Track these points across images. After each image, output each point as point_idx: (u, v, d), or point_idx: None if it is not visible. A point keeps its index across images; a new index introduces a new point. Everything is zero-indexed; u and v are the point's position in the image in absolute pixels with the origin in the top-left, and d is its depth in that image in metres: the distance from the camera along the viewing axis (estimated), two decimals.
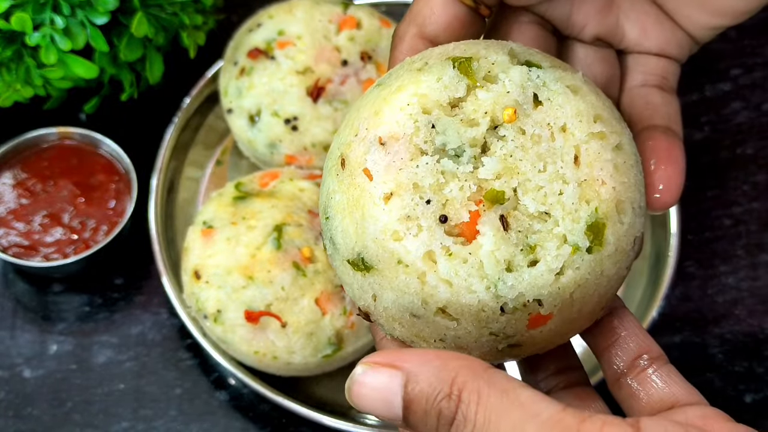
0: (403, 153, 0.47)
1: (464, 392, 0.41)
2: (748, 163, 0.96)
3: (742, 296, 0.89)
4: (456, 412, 0.41)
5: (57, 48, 0.81)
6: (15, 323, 0.86)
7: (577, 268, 0.46)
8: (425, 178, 0.46)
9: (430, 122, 0.47)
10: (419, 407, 0.42)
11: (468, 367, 0.42)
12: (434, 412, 0.41)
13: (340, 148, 0.49)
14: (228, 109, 0.88)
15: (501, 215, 0.46)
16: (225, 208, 0.80)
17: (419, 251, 0.46)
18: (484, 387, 0.41)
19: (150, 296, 0.88)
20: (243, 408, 0.83)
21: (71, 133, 0.89)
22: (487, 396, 0.40)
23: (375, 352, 0.45)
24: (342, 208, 0.48)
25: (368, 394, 0.43)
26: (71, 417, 0.82)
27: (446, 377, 0.41)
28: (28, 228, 0.85)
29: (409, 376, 0.42)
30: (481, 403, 0.40)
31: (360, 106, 0.51)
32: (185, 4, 0.86)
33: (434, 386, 0.41)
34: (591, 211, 0.47)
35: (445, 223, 0.46)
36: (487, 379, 0.41)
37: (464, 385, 0.41)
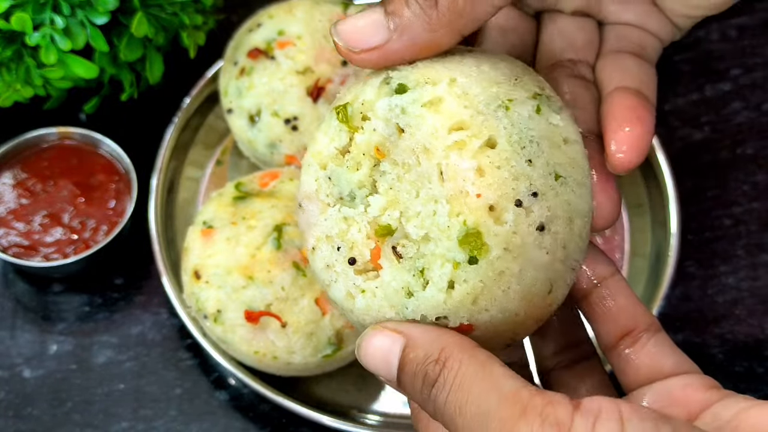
0: (315, 210, 0.53)
1: (449, 360, 0.46)
2: (748, 163, 0.96)
3: (743, 296, 0.89)
4: (438, 376, 0.46)
5: (57, 48, 0.81)
6: (15, 323, 0.86)
7: (465, 281, 0.48)
8: (332, 228, 0.52)
9: (327, 176, 0.52)
10: (410, 369, 0.47)
11: (458, 342, 0.47)
12: (421, 374, 0.47)
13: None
14: (228, 109, 0.88)
15: (393, 246, 0.50)
16: (225, 208, 0.80)
17: (341, 293, 0.52)
18: (466, 358, 0.46)
19: (150, 296, 0.88)
20: (243, 408, 0.83)
21: (71, 133, 0.89)
22: (467, 365, 0.46)
23: (384, 322, 0.50)
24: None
25: (372, 352, 0.49)
26: (71, 417, 0.82)
27: (438, 345, 0.47)
28: (28, 228, 0.85)
29: (409, 341, 0.48)
30: (460, 370, 0.45)
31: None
32: (185, 4, 0.86)
33: (427, 352, 0.47)
34: (460, 225, 0.48)
35: (354, 264, 0.51)
36: (471, 352, 0.46)
37: (450, 353, 0.46)
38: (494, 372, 0.45)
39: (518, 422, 0.42)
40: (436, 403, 0.46)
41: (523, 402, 0.43)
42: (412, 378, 0.47)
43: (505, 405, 0.43)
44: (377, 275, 0.50)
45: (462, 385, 0.45)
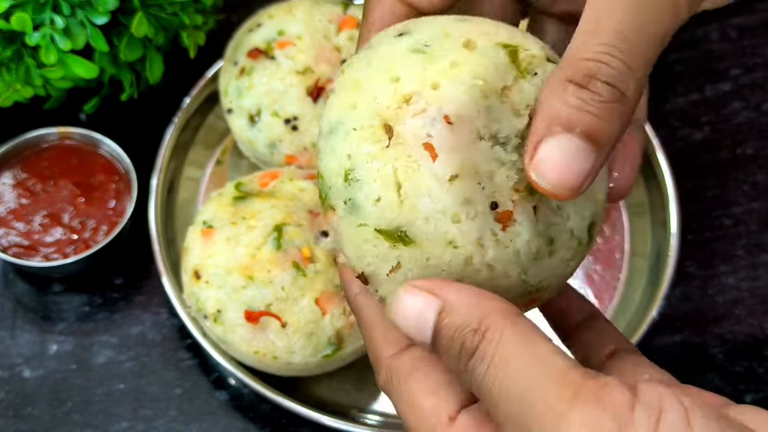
0: (468, 135, 0.46)
1: (489, 331, 0.42)
2: (748, 163, 0.96)
3: (743, 296, 0.89)
4: (477, 347, 0.42)
5: (57, 48, 0.81)
6: (15, 323, 0.86)
7: (575, 260, 0.50)
8: (483, 164, 0.46)
9: (488, 107, 0.47)
10: (447, 335, 0.44)
11: (499, 309, 0.43)
12: (458, 343, 0.43)
13: (377, 112, 0.47)
14: (228, 109, 0.88)
15: (534, 206, 0.47)
16: (225, 208, 0.80)
17: (472, 235, 0.46)
18: (508, 329, 0.42)
19: (150, 296, 0.88)
20: (243, 408, 0.83)
21: (71, 133, 0.89)
22: (508, 338, 0.42)
23: (419, 281, 0.46)
24: (384, 176, 0.46)
25: (405, 313, 0.45)
26: (71, 417, 0.82)
27: (478, 314, 0.43)
28: (28, 228, 0.85)
29: (445, 305, 0.44)
30: (501, 343, 0.42)
31: (387, 68, 0.48)
32: (185, 4, 0.86)
33: (465, 319, 0.43)
34: (593, 211, 0.49)
35: (495, 210, 0.47)
36: (513, 322, 0.42)
37: (491, 324, 0.42)
38: (539, 346, 0.41)
39: (569, 409, 0.38)
40: (474, 376, 0.42)
41: (574, 384, 0.39)
42: (448, 346, 0.44)
43: (553, 386, 0.39)
44: (508, 228, 0.46)
45: (504, 358, 0.41)
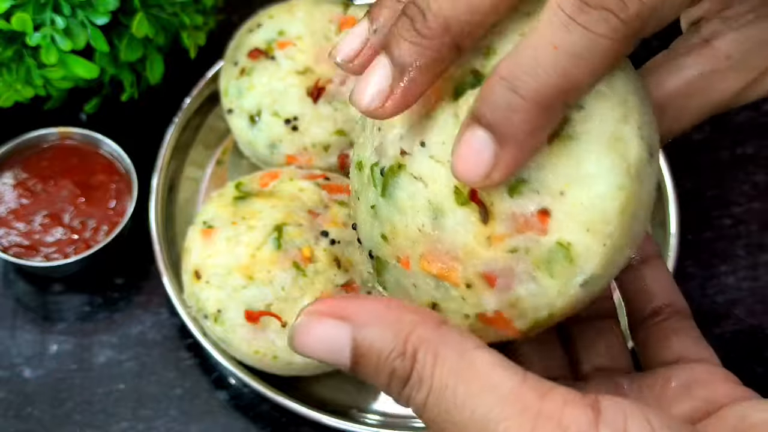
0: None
1: (419, 352, 0.38)
2: (748, 163, 0.96)
3: (742, 296, 0.89)
4: (411, 373, 0.39)
5: (57, 48, 0.81)
6: (15, 323, 0.86)
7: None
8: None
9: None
10: (370, 363, 0.39)
11: (423, 323, 0.39)
12: (387, 370, 0.39)
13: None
14: (228, 109, 0.88)
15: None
16: (225, 208, 0.80)
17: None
18: (441, 347, 0.38)
19: (150, 296, 0.88)
20: (243, 407, 0.83)
21: (72, 133, 0.90)
22: (444, 358, 0.38)
23: (317, 301, 0.42)
24: None
25: (313, 345, 0.40)
26: (71, 417, 0.82)
27: (400, 334, 0.39)
28: (28, 228, 0.85)
29: (358, 329, 0.40)
30: (437, 364, 0.38)
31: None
32: (186, 5, 0.86)
33: (387, 342, 0.39)
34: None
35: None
36: (442, 337, 0.39)
37: (420, 343, 0.39)
38: (477, 363, 0.38)
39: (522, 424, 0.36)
40: (415, 405, 0.39)
41: (531, 410, 0.37)
42: (374, 373, 0.40)
43: (509, 410, 0.37)
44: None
45: (446, 384, 0.38)
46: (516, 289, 0.45)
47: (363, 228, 0.50)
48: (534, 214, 0.44)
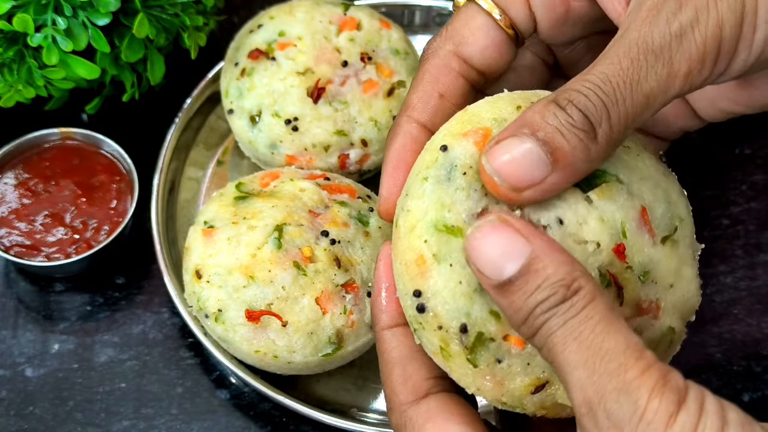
0: None
1: (581, 291, 0.44)
2: (746, 162, 0.97)
3: (741, 296, 0.89)
4: (566, 299, 0.44)
5: (59, 49, 0.81)
6: (17, 322, 0.86)
7: None
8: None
9: None
10: (535, 280, 0.45)
11: (588, 274, 0.45)
12: (548, 291, 0.44)
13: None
14: (229, 109, 0.88)
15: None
16: (226, 208, 0.80)
17: None
18: (597, 293, 0.44)
19: (151, 296, 0.88)
20: (244, 407, 0.83)
21: (73, 134, 0.90)
22: (597, 301, 0.44)
23: (511, 214, 0.47)
24: None
25: (489, 243, 0.46)
26: (73, 416, 0.82)
27: (572, 272, 0.45)
28: (30, 228, 0.85)
29: (537, 253, 0.45)
30: (592, 303, 0.44)
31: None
32: (186, 5, 0.87)
33: (558, 273, 0.45)
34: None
35: None
36: (603, 293, 0.45)
37: (584, 285, 0.44)
38: (620, 320, 0.44)
39: (641, 376, 0.42)
40: (548, 322, 0.44)
41: (648, 360, 0.43)
42: (530, 289, 0.45)
43: (631, 354, 0.43)
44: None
45: (591, 316, 0.44)
46: None
47: (451, 299, 0.50)
48: (653, 301, 0.51)
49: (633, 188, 0.52)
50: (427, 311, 0.50)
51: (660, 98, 0.49)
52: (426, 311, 0.50)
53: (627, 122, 0.48)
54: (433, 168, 0.51)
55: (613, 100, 0.48)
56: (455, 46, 0.59)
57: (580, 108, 0.47)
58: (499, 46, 0.59)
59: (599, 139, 0.48)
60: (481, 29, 0.58)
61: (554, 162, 0.47)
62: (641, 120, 0.49)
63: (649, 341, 0.51)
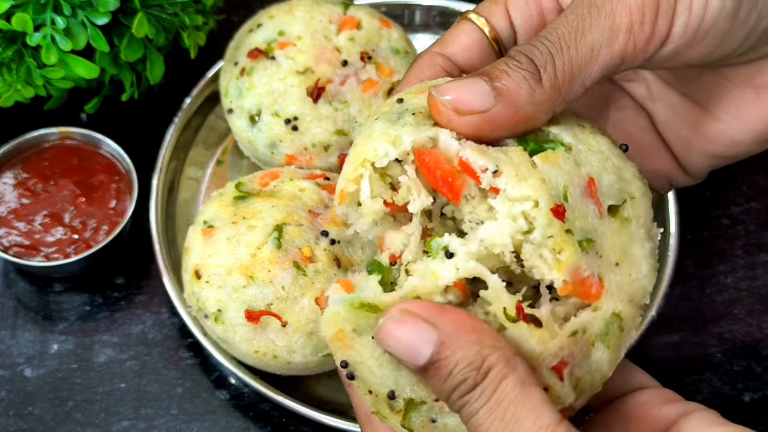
0: None
1: (492, 371, 0.46)
2: (746, 163, 0.96)
3: (741, 296, 0.89)
4: (478, 385, 0.46)
5: (58, 48, 0.81)
6: (16, 323, 0.86)
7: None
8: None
9: None
10: (445, 368, 0.46)
11: (500, 349, 0.46)
12: (459, 378, 0.46)
13: None
14: (228, 109, 0.88)
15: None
16: (225, 208, 0.80)
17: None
18: (509, 373, 0.46)
19: (151, 296, 0.88)
20: (243, 407, 0.83)
21: (72, 133, 0.90)
22: (507, 382, 0.45)
23: (413, 301, 0.48)
24: None
25: (397, 338, 0.47)
26: (72, 416, 0.82)
27: (480, 351, 0.46)
28: (29, 228, 0.85)
29: (445, 338, 0.47)
30: (501, 385, 0.45)
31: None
32: (186, 5, 0.87)
33: (468, 355, 0.46)
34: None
35: None
36: (514, 366, 0.46)
37: (494, 365, 0.46)
38: (535, 397, 0.46)
39: None
40: (464, 409, 0.46)
41: (551, 425, 0.44)
42: (445, 377, 0.47)
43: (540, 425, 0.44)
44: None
45: (500, 402, 0.45)
46: (576, 371, 0.50)
47: (377, 368, 0.51)
48: (595, 275, 0.50)
49: (581, 158, 0.52)
50: (357, 379, 0.52)
51: (604, 51, 0.52)
52: (355, 379, 0.52)
53: (572, 70, 0.51)
54: (386, 113, 0.54)
55: (557, 47, 0.51)
56: (441, 47, 0.63)
57: (525, 53, 0.52)
58: (481, 47, 0.62)
59: (544, 82, 0.51)
60: (466, 32, 0.62)
61: (498, 96, 0.50)
62: (589, 73, 0.52)
63: (596, 335, 0.50)
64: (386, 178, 0.52)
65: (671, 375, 0.85)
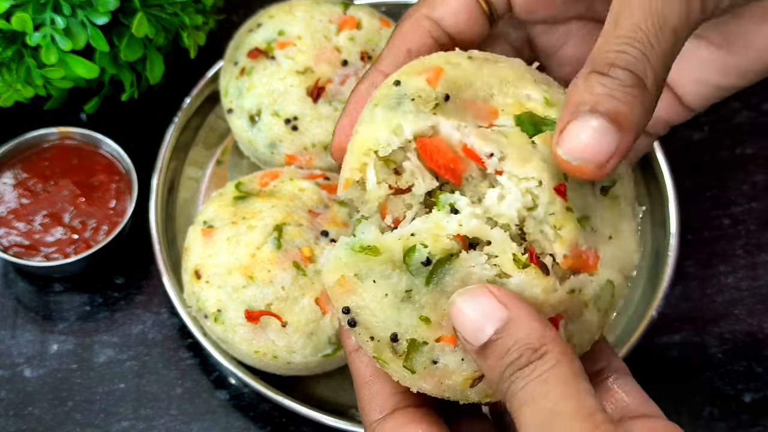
0: None
1: (547, 354, 0.47)
2: (747, 163, 0.96)
3: (742, 296, 0.89)
4: (531, 363, 0.47)
5: (58, 48, 0.81)
6: (16, 323, 0.86)
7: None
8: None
9: None
10: (506, 342, 0.47)
11: (561, 344, 0.48)
12: (516, 354, 0.47)
13: None
14: (228, 109, 0.88)
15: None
16: (225, 208, 0.80)
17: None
18: (562, 358, 0.47)
19: (150, 296, 0.88)
20: (243, 407, 0.83)
21: (72, 133, 0.90)
22: (560, 365, 0.46)
23: (492, 285, 0.49)
24: None
25: (469, 312, 0.48)
26: (72, 416, 0.82)
27: (541, 336, 0.47)
28: (28, 228, 0.85)
29: (513, 318, 0.48)
30: (553, 368, 0.46)
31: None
32: (186, 5, 0.86)
33: (531, 336, 0.47)
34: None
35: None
36: (571, 358, 0.47)
37: (551, 350, 0.47)
38: (581, 385, 0.46)
39: None
40: (512, 384, 0.47)
41: (596, 422, 0.45)
42: (502, 352, 0.47)
43: (579, 416, 0.45)
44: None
45: (548, 380, 0.46)
46: (570, 327, 0.52)
47: (380, 311, 0.51)
48: (592, 249, 0.52)
49: None
50: (358, 325, 0.52)
51: (684, 28, 0.50)
52: (357, 325, 0.52)
53: (665, 61, 0.50)
54: (385, 99, 0.54)
55: (648, 45, 0.49)
56: (428, 9, 0.60)
57: (623, 67, 0.49)
58: (471, 13, 0.60)
59: (649, 87, 0.49)
60: None
61: (619, 128, 0.48)
62: (675, 56, 0.50)
63: (590, 297, 0.52)
64: (390, 163, 0.52)
65: (671, 375, 0.85)
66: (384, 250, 0.50)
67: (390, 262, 0.50)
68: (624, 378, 0.55)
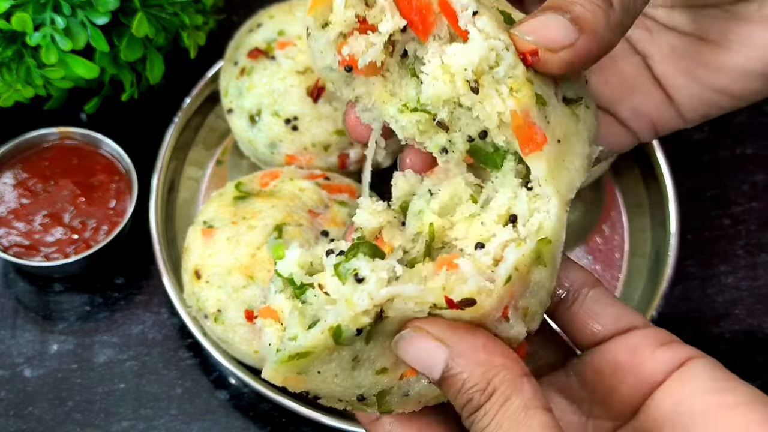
0: None
1: (496, 393, 0.46)
2: (747, 163, 0.96)
3: (742, 296, 0.89)
4: (482, 406, 0.47)
5: (58, 48, 0.81)
6: (16, 323, 0.86)
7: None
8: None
9: None
10: (454, 386, 0.47)
11: (508, 369, 0.47)
12: (466, 397, 0.47)
13: None
14: (228, 109, 0.88)
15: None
16: (225, 208, 0.80)
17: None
18: (513, 395, 0.46)
19: (150, 296, 0.88)
20: (243, 407, 0.83)
21: (72, 133, 0.90)
22: (509, 405, 0.46)
23: (426, 319, 0.48)
24: None
25: (413, 354, 0.48)
26: (72, 416, 0.82)
27: (487, 374, 0.47)
28: (28, 228, 0.85)
29: (453, 357, 0.47)
30: (503, 408, 0.46)
31: None
32: (186, 5, 0.86)
33: (474, 377, 0.47)
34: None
35: None
36: (519, 388, 0.47)
37: (499, 386, 0.47)
38: (535, 420, 0.46)
39: None
40: (472, 425, 0.47)
41: None
42: (455, 393, 0.48)
43: None
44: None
45: (501, 425, 0.46)
46: (521, 303, 0.50)
47: (337, 387, 0.51)
48: (541, 129, 0.50)
49: None
50: (323, 398, 0.52)
51: None
52: (321, 398, 0.52)
53: None
54: None
55: None
56: None
57: None
58: None
59: (615, 5, 0.51)
60: None
61: (580, 29, 0.50)
62: None
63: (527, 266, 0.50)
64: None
65: None
66: (314, 348, 0.49)
67: (325, 351, 0.49)
68: (594, 289, 0.55)
